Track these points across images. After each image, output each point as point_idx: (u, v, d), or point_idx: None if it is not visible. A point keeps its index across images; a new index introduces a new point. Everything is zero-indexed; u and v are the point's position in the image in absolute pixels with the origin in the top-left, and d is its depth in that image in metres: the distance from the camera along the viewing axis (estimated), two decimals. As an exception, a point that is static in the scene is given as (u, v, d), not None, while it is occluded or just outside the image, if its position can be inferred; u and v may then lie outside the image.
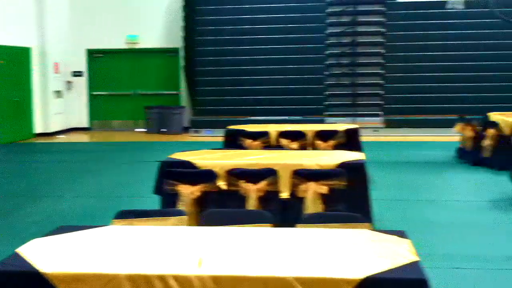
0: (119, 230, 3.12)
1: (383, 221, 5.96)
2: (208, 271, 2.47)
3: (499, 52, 13.94)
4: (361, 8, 14.63)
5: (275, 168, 5.08)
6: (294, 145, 7.46)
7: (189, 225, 3.53)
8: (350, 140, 8.35)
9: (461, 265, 4.92)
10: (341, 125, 8.92)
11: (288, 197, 5.08)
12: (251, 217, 3.44)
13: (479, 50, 14.18)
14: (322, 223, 3.35)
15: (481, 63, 14.15)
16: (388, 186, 8.13)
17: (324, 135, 8.06)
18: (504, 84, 13.74)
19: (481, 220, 6.37)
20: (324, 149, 7.81)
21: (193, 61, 15.02)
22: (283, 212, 5.00)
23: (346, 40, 14.71)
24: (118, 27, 15.71)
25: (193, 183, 4.92)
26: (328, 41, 14.77)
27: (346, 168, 5.14)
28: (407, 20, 14.38)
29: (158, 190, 5.24)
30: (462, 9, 10.08)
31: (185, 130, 15.01)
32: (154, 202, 5.41)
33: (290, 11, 14.85)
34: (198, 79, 15.05)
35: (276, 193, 5.06)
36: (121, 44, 15.92)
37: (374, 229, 3.26)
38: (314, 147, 7.68)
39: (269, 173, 5.01)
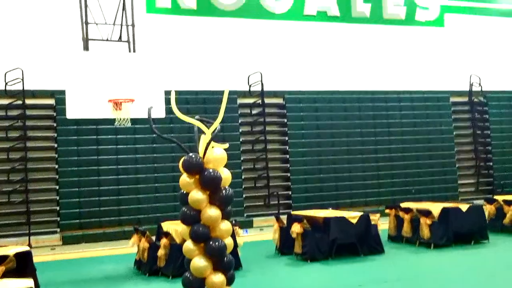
0: None
1: None
2: None
3: (162, 164, 15.00)
4: (29, 123, 14.23)
5: None
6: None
7: None
8: (21, 264, 7.86)
9: None
10: (10, 248, 8.33)
11: None
12: None
13: (147, 163, 15.05)
14: None
15: (150, 175, 14.97)
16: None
17: (-10, 262, 7.43)
18: (174, 194, 14.61)
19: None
20: (-8, 278, 7.17)
21: None
22: None
23: (15, 155, 14.01)
24: None
25: None
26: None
27: (12, 299, 4.76)
28: (80, 135, 14.50)
29: None
30: (130, 125, 10.67)
31: None
32: None
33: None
34: None
35: None
36: None
37: None
38: (-21, 278, 6.97)
39: None
